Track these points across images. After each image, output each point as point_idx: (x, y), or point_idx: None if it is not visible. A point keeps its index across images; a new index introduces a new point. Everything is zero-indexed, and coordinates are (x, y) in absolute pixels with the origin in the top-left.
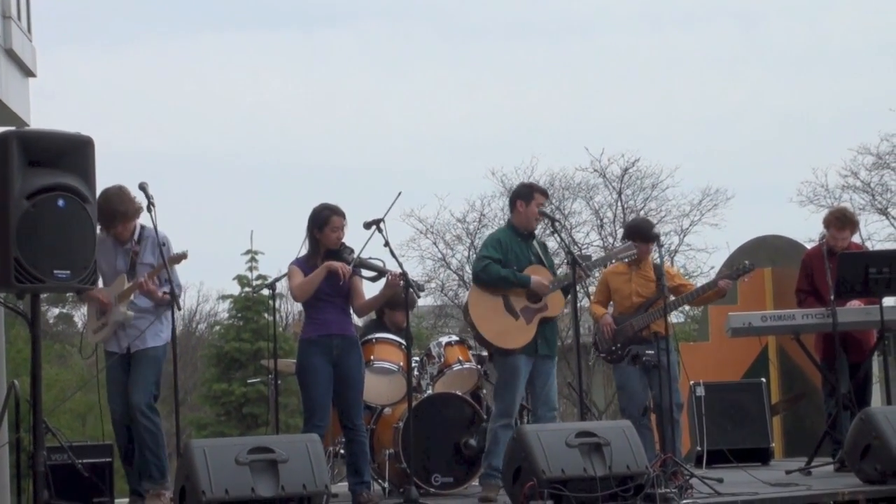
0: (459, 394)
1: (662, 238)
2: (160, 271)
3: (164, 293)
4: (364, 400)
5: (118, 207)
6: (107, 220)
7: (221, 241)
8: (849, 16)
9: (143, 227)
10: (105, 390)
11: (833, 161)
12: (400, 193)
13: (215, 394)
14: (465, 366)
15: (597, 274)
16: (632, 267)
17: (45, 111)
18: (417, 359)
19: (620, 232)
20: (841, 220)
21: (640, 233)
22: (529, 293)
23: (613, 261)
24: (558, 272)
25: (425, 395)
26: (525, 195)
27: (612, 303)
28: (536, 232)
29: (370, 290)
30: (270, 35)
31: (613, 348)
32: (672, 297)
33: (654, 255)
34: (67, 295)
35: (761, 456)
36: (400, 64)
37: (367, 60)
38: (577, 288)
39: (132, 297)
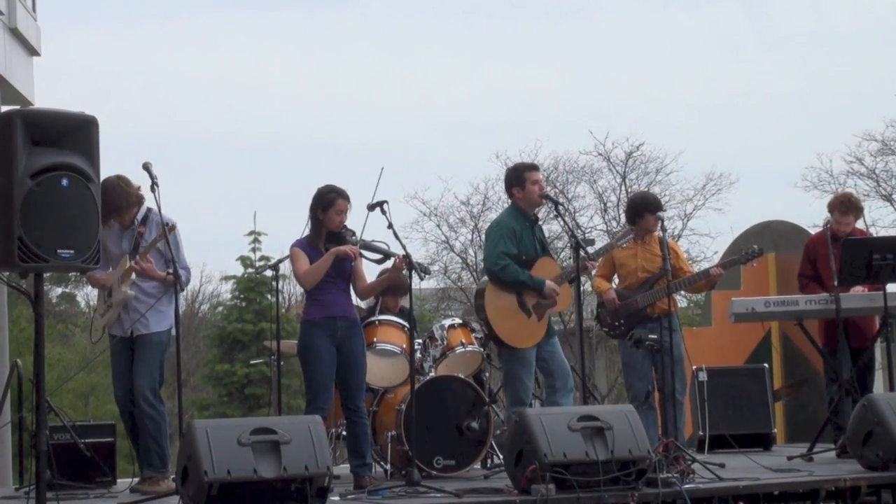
0: (462, 376)
1: (666, 222)
2: (151, 249)
3: (168, 273)
4: (366, 382)
5: (111, 203)
6: (102, 215)
7: (225, 222)
8: None
9: (149, 210)
10: (109, 373)
11: (838, 147)
12: (383, 169)
13: (218, 375)
14: (467, 348)
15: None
16: (637, 242)
17: (49, 90)
18: (420, 341)
19: (624, 216)
20: (845, 205)
21: (647, 205)
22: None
23: (619, 244)
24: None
25: (428, 378)
26: (518, 180)
27: (616, 277)
28: (540, 215)
29: (371, 272)
30: (273, 15)
31: (616, 324)
32: (675, 280)
33: (659, 231)
34: (70, 274)
35: (763, 441)
36: (403, 45)
37: (369, 41)
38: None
39: (133, 277)
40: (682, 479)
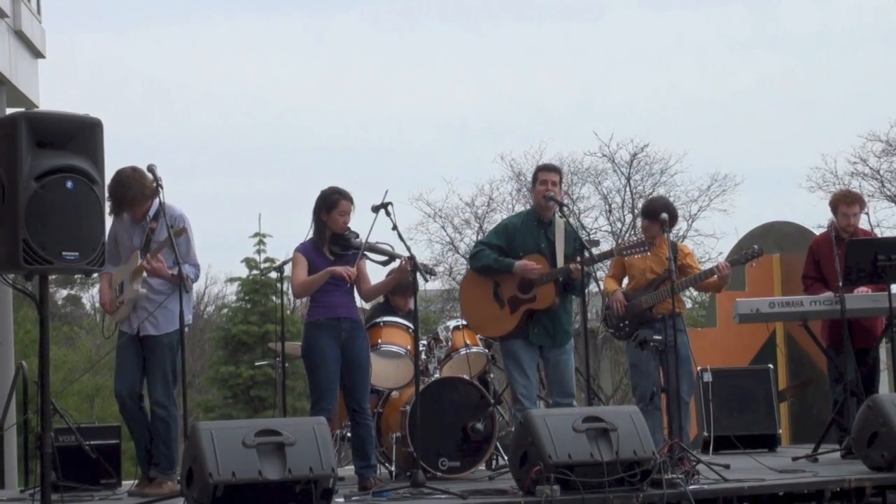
0: (467, 378)
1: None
2: (162, 249)
3: (173, 273)
4: (371, 383)
5: (126, 194)
6: (114, 205)
7: (230, 224)
8: None
9: (161, 204)
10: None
11: (842, 148)
12: (387, 191)
13: (223, 376)
14: (472, 350)
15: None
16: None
17: (54, 92)
18: (425, 342)
19: (629, 217)
20: (849, 196)
21: (668, 210)
22: (522, 283)
23: (626, 254)
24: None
25: (433, 379)
26: (533, 180)
27: (626, 278)
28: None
29: (377, 274)
30: (279, 18)
31: (622, 325)
32: (680, 279)
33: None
34: (75, 276)
35: (768, 442)
36: (408, 47)
37: (375, 43)
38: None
39: (144, 275)
40: (687, 481)
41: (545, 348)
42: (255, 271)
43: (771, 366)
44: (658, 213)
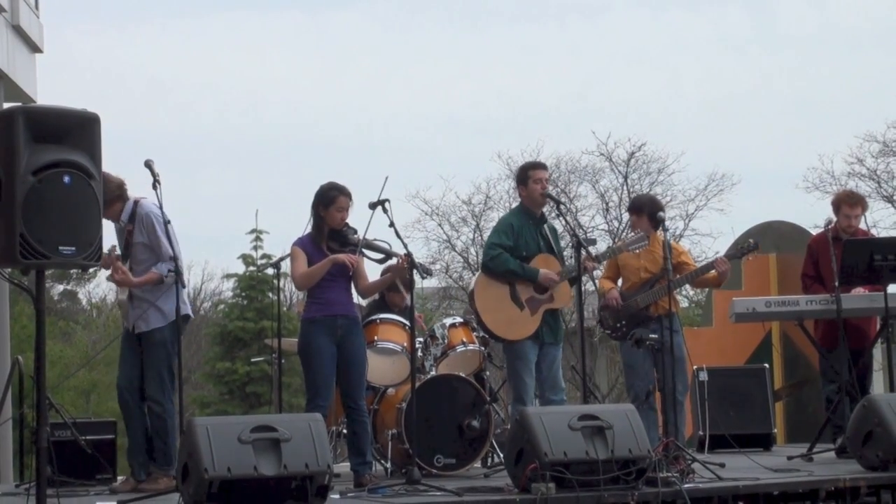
0: (463, 375)
1: (668, 223)
2: (121, 271)
3: (151, 273)
4: (367, 380)
5: None
6: None
7: (226, 220)
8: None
9: (135, 204)
10: (110, 370)
11: (839, 148)
12: (387, 178)
13: (219, 372)
14: (468, 347)
15: (604, 263)
16: None
17: (51, 87)
18: (421, 340)
19: (626, 216)
20: (852, 197)
21: (653, 208)
22: (537, 284)
23: (630, 249)
24: (566, 261)
25: (429, 376)
26: (521, 179)
27: (620, 280)
28: (546, 213)
29: (373, 271)
30: (278, 15)
31: (618, 325)
32: (676, 276)
33: (661, 232)
34: (72, 272)
35: (763, 441)
36: (405, 44)
37: (373, 40)
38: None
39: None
40: (682, 479)
41: (545, 346)
42: (251, 267)
43: (767, 365)
44: (643, 209)
